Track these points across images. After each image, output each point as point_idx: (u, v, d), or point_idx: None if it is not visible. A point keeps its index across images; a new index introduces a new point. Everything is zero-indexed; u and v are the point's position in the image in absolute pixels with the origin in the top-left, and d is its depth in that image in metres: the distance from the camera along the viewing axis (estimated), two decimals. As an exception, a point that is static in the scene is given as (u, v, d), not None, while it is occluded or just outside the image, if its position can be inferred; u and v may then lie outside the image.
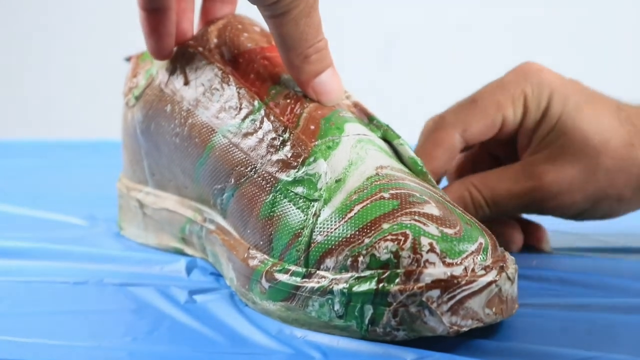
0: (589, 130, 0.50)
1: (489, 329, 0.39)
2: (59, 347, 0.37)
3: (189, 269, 0.49)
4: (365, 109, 0.47)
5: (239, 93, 0.47)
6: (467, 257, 0.38)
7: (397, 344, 0.37)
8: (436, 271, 0.37)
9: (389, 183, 0.41)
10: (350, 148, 0.43)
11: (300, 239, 0.41)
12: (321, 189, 0.42)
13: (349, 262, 0.38)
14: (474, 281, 0.37)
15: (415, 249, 0.37)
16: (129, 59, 0.58)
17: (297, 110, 0.45)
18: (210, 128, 0.48)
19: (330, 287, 0.38)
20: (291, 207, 0.42)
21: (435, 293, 0.37)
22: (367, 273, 0.38)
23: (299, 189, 0.42)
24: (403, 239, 0.38)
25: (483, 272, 0.38)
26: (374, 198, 0.40)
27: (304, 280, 0.40)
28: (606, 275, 0.48)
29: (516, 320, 0.40)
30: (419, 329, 0.37)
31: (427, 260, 0.37)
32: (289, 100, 0.46)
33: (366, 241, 0.38)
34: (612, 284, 0.47)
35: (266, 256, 0.42)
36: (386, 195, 0.40)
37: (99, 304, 0.44)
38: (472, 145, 0.54)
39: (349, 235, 0.39)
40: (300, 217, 0.41)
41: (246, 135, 0.46)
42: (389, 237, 0.38)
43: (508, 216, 0.55)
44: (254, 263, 0.42)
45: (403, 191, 0.40)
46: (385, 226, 0.39)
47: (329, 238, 0.40)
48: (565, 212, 0.52)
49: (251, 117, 0.46)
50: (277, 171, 0.43)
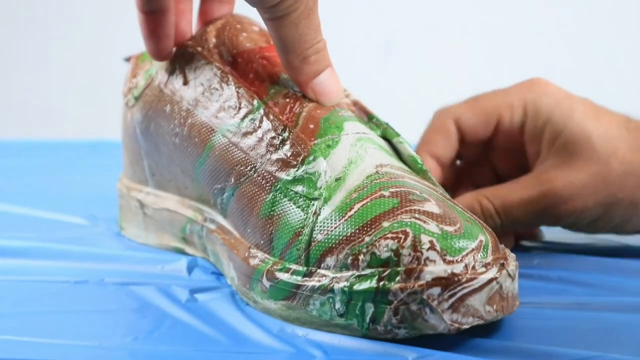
0: (597, 138, 0.51)
1: (489, 327, 0.39)
2: (59, 347, 0.37)
3: (190, 268, 0.49)
4: (365, 108, 0.47)
5: (238, 92, 0.47)
6: (467, 254, 0.38)
7: (398, 342, 0.37)
8: (437, 269, 0.37)
9: (389, 181, 0.41)
10: (349, 146, 0.43)
11: (300, 238, 0.41)
12: (321, 187, 0.42)
13: (349, 261, 0.38)
14: (474, 278, 0.37)
15: (416, 246, 0.37)
16: (128, 59, 0.58)
17: (296, 110, 0.45)
18: (210, 128, 0.47)
19: (331, 285, 0.38)
20: (291, 206, 0.42)
21: (436, 291, 0.37)
22: (368, 271, 0.38)
23: (299, 188, 0.42)
24: (403, 237, 0.38)
25: (483, 269, 0.38)
26: (374, 196, 0.40)
27: (304, 279, 0.40)
28: (607, 275, 0.48)
29: (517, 319, 0.40)
30: (419, 327, 0.37)
31: (427, 258, 0.37)
32: (288, 100, 0.46)
33: (366, 239, 0.38)
34: (613, 283, 0.47)
35: (267, 255, 0.42)
36: (386, 193, 0.40)
37: (99, 303, 0.44)
38: (471, 144, 0.55)
39: (349, 234, 0.39)
40: (301, 216, 0.41)
41: (246, 134, 0.46)
42: (389, 235, 0.38)
43: (520, 228, 0.55)
44: (254, 262, 0.42)
45: (403, 189, 0.40)
46: (386, 224, 0.39)
47: (329, 237, 0.40)
48: (579, 220, 0.52)
49: (250, 116, 0.46)
50: (277, 170, 0.43)
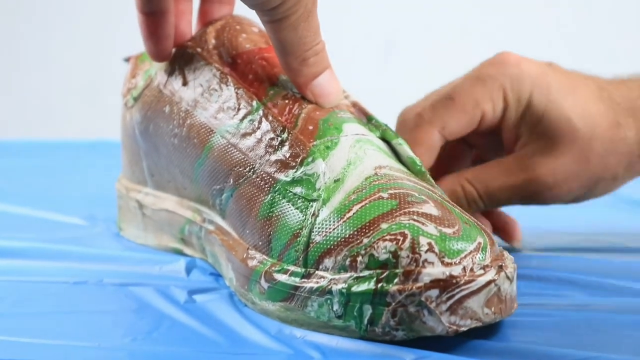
0: (576, 118, 0.51)
1: (488, 329, 0.39)
2: (59, 347, 0.37)
3: (189, 269, 0.49)
4: (364, 109, 0.47)
5: (237, 93, 0.47)
6: (465, 256, 0.38)
7: (396, 344, 0.37)
8: (435, 271, 0.37)
9: (388, 183, 0.41)
10: (348, 148, 0.43)
11: (299, 239, 0.41)
12: (320, 189, 0.42)
13: (347, 262, 0.38)
14: (472, 281, 0.37)
15: (414, 248, 0.37)
16: (128, 60, 0.58)
17: (295, 111, 0.45)
18: (209, 128, 0.47)
19: (329, 287, 0.38)
20: (290, 207, 0.42)
21: (434, 293, 0.37)
22: (366, 273, 0.38)
23: (298, 189, 0.42)
24: (402, 238, 0.38)
25: (482, 271, 0.38)
26: (372, 198, 0.40)
27: (302, 280, 0.40)
28: (606, 275, 0.48)
29: (515, 320, 0.40)
30: (417, 328, 0.37)
31: (425, 260, 0.37)
32: (287, 101, 0.46)
33: (365, 241, 0.38)
34: (612, 284, 0.47)
35: (265, 256, 0.42)
36: (385, 195, 0.40)
37: (98, 304, 0.44)
38: (453, 140, 0.54)
39: (347, 235, 0.39)
40: (299, 217, 0.41)
41: (244, 135, 0.46)
42: (387, 237, 0.38)
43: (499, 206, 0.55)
44: (253, 263, 0.42)
45: (402, 191, 0.40)
46: (384, 226, 0.39)
47: (327, 238, 0.40)
48: (563, 200, 0.53)
49: (249, 117, 0.46)
50: (276, 171, 0.43)
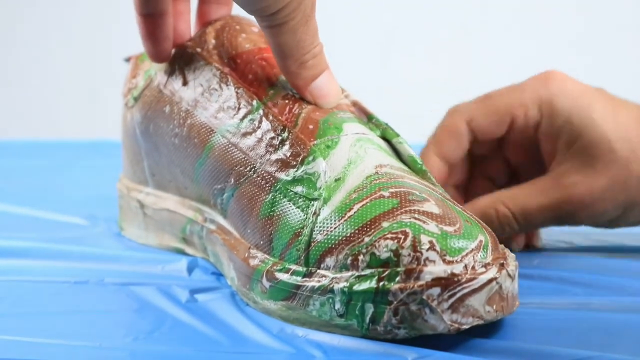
0: (616, 140, 0.50)
1: (489, 328, 0.39)
2: (59, 347, 0.37)
3: (190, 269, 0.49)
4: (364, 108, 0.47)
5: (237, 93, 0.47)
6: (467, 254, 0.38)
7: (397, 342, 0.37)
8: (436, 269, 0.37)
9: (389, 181, 0.41)
10: (349, 147, 0.43)
11: (300, 238, 0.41)
12: (320, 188, 0.42)
13: (349, 261, 0.38)
14: (474, 279, 0.37)
15: (415, 247, 0.37)
16: (128, 60, 0.58)
17: (295, 110, 0.45)
18: (209, 128, 0.47)
19: (331, 286, 0.38)
20: (291, 206, 0.42)
21: (436, 291, 0.37)
22: (368, 272, 0.38)
23: (299, 188, 0.42)
24: (403, 237, 0.38)
25: (483, 269, 0.38)
26: (373, 197, 0.40)
27: (304, 279, 0.40)
28: (607, 275, 0.48)
29: (517, 319, 0.40)
30: (419, 327, 0.37)
31: (427, 258, 0.37)
32: (287, 101, 0.46)
33: (366, 240, 0.38)
34: (613, 283, 0.47)
35: (267, 255, 0.42)
36: (386, 193, 0.40)
37: (100, 303, 0.44)
38: (483, 142, 0.54)
39: (349, 234, 0.39)
40: (300, 216, 0.41)
41: (245, 134, 0.46)
42: (388, 236, 0.38)
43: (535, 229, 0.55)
44: (254, 262, 0.42)
45: (402, 189, 0.40)
46: (385, 224, 0.39)
47: (329, 237, 0.40)
48: (597, 222, 0.52)
49: (250, 116, 0.46)
50: (277, 170, 0.43)
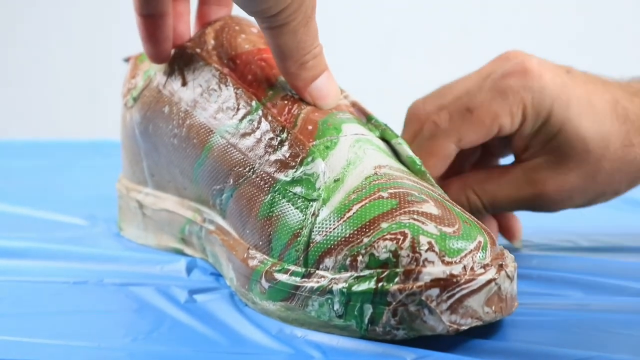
0: (590, 136, 0.51)
1: (488, 328, 0.39)
2: (59, 347, 0.37)
3: (189, 269, 0.49)
4: (364, 109, 0.47)
5: (236, 94, 0.47)
6: (466, 255, 0.38)
7: (396, 343, 0.37)
8: (435, 270, 0.37)
9: (388, 182, 0.41)
10: (348, 148, 0.43)
11: (299, 239, 0.41)
12: (319, 188, 0.42)
13: (348, 262, 0.38)
14: (473, 280, 0.37)
15: (414, 248, 0.37)
16: (127, 60, 0.58)
17: (294, 111, 0.45)
18: (208, 129, 0.47)
19: (330, 286, 0.38)
20: (290, 207, 0.42)
21: (435, 292, 0.37)
22: (366, 272, 0.38)
23: (298, 189, 0.42)
24: (402, 238, 0.38)
25: (482, 270, 0.38)
26: (372, 197, 0.40)
27: (303, 280, 0.40)
28: (606, 275, 0.48)
29: (516, 320, 0.40)
30: (418, 328, 0.37)
31: (426, 259, 0.37)
32: (286, 102, 0.46)
33: (365, 240, 0.38)
34: (612, 284, 0.47)
35: (266, 256, 0.42)
36: (385, 194, 0.40)
37: (99, 303, 0.44)
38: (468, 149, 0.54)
39: (347, 235, 0.39)
40: (299, 217, 0.41)
41: (244, 135, 0.46)
42: (387, 237, 0.38)
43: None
44: (253, 263, 0.42)
45: (401, 190, 0.40)
46: (384, 225, 0.39)
47: (328, 238, 0.40)
48: (563, 209, 0.54)
49: (249, 117, 0.46)
50: (275, 171, 0.43)
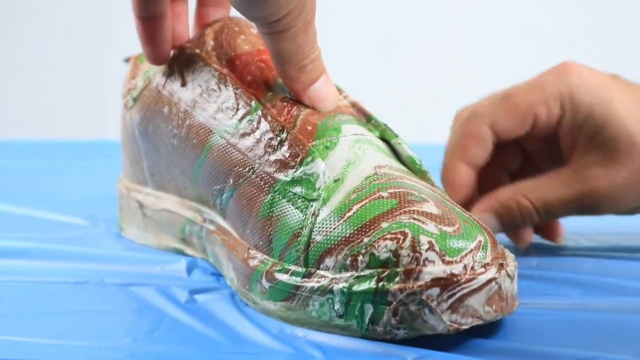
0: (638, 132, 0.51)
1: (489, 328, 0.39)
2: (59, 347, 0.37)
3: (190, 269, 0.49)
4: (363, 109, 0.47)
5: (236, 94, 0.47)
6: (466, 254, 0.38)
7: (397, 342, 0.37)
8: (436, 269, 0.37)
9: (388, 182, 0.41)
10: (348, 148, 0.43)
11: (299, 239, 0.41)
12: (319, 188, 0.42)
13: (348, 262, 0.38)
14: (473, 279, 0.37)
15: (415, 247, 0.37)
16: (127, 60, 0.58)
17: (294, 112, 0.45)
18: (208, 129, 0.47)
19: (330, 286, 0.38)
20: (290, 207, 0.42)
21: (435, 291, 0.37)
22: (367, 272, 0.38)
23: (298, 189, 0.42)
24: (402, 237, 0.38)
25: (482, 269, 0.38)
26: (372, 197, 0.40)
27: (304, 280, 0.40)
28: (606, 275, 0.48)
29: (516, 320, 0.40)
30: (419, 327, 0.37)
31: (426, 259, 0.37)
32: (285, 103, 0.46)
33: (365, 240, 0.38)
34: (613, 284, 0.47)
35: (266, 256, 0.42)
36: (385, 194, 0.40)
37: (99, 304, 0.44)
38: (505, 140, 0.54)
39: (348, 235, 0.39)
40: (299, 217, 0.41)
41: (243, 135, 0.46)
42: (388, 236, 0.38)
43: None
44: (254, 263, 0.42)
45: (402, 190, 0.40)
46: (384, 225, 0.39)
47: (328, 237, 0.40)
48: (619, 212, 0.53)
49: (248, 117, 0.46)
50: (275, 171, 0.43)
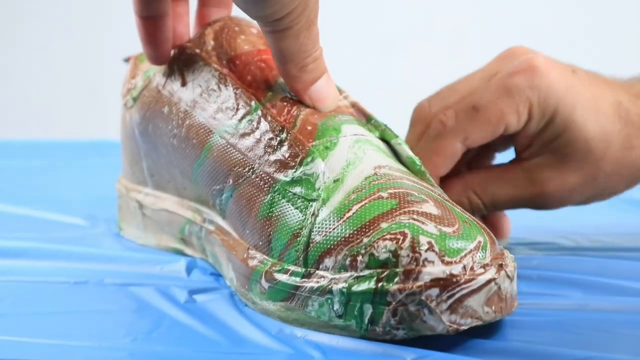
0: (593, 138, 0.51)
1: (488, 328, 0.39)
2: (59, 347, 0.37)
3: (189, 269, 0.49)
4: (363, 109, 0.47)
5: (235, 94, 0.47)
6: (465, 255, 0.38)
7: (396, 343, 0.37)
8: (435, 270, 0.37)
9: (388, 182, 0.41)
10: (347, 148, 0.43)
11: (299, 239, 0.41)
12: (319, 188, 0.42)
13: (348, 262, 0.38)
14: (473, 279, 0.37)
15: (414, 247, 0.37)
16: (127, 60, 0.58)
17: (294, 112, 0.45)
18: (208, 129, 0.47)
19: (330, 286, 0.38)
20: (289, 207, 0.42)
21: (435, 292, 0.37)
22: (366, 272, 0.38)
23: (297, 189, 0.42)
24: (402, 238, 0.38)
25: (482, 270, 0.38)
26: (372, 197, 0.40)
27: (303, 280, 0.40)
28: (606, 275, 0.48)
29: (516, 320, 0.40)
30: (418, 328, 0.37)
31: (426, 259, 0.37)
32: (285, 103, 0.46)
33: (365, 240, 0.38)
34: (612, 284, 0.47)
35: (265, 256, 0.42)
36: (384, 194, 0.40)
37: (99, 304, 0.44)
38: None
39: (347, 235, 0.39)
40: (299, 217, 0.41)
41: (243, 135, 0.46)
42: (387, 237, 0.38)
43: None
44: (253, 263, 0.42)
45: (401, 190, 0.40)
46: (384, 225, 0.39)
47: (327, 238, 0.40)
48: (561, 208, 0.55)
49: (248, 117, 0.46)
50: (275, 171, 0.43)
